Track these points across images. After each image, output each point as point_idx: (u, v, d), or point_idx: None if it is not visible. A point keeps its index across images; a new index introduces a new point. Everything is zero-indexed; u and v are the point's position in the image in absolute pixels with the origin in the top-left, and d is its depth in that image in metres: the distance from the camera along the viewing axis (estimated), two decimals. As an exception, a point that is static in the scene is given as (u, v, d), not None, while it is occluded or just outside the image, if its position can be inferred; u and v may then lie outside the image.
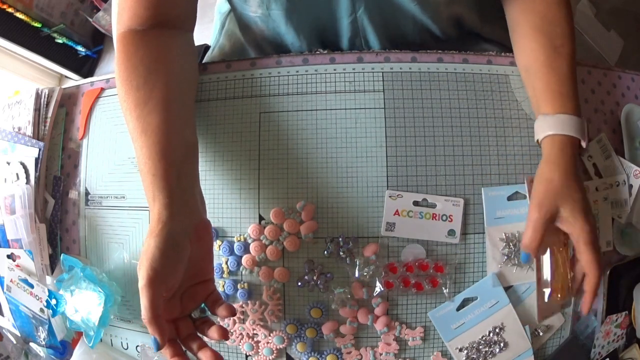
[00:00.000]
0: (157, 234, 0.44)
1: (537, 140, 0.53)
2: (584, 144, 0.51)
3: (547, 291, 0.53)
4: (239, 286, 0.55)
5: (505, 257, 0.53)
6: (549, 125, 0.51)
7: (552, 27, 0.53)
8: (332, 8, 0.58)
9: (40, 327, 0.62)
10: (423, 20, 0.59)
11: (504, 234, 0.53)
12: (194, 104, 0.55)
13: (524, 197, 0.54)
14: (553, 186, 0.50)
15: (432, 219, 0.53)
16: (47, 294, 0.59)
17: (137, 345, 0.60)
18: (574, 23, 0.54)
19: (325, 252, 0.54)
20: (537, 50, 0.53)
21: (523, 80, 0.55)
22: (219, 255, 0.56)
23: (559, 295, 0.52)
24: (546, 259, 0.53)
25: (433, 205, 0.53)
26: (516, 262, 0.53)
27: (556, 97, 0.52)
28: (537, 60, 0.53)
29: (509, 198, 0.54)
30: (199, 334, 0.48)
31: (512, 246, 0.53)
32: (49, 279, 0.60)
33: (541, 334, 0.54)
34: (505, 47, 0.68)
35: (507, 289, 0.54)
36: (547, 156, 0.51)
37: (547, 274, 0.53)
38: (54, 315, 0.59)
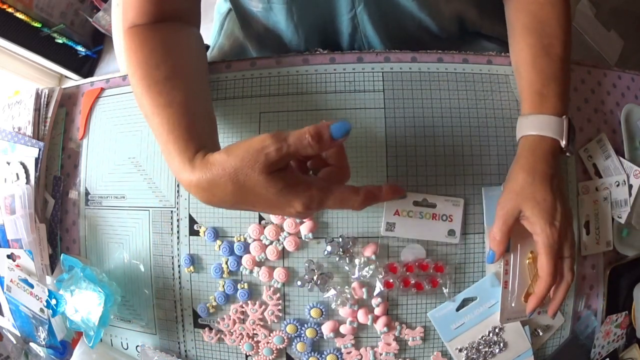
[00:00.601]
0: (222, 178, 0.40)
1: (517, 141, 0.52)
2: (562, 143, 0.49)
3: (510, 296, 0.52)
4: (239, 286, 0.55)
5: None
6: (522, 126, 0.51)
7: (541, 26, 0.52)
8: (333, 4, 0.58)
9: (40, 327, 0.62)
10: (422, 18, 0.59)
11: None
12: (209, 83, 0.55)
13: None
14: (516, 186, 0.49)
15: (432, 219, 0.53)
16: (47, 294, 0.59)
17: (137, 345, 0.60)
18: (569, 24, 0.54)
19: (325, 252, 0.54)
20: (524, 50, 0.53)
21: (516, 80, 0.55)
22: (219, 255, 0.56)
23: (524, 301, 0.51)
24: (515, 262, 0.52)
25: (433, 205, 0.53)
26: None
27: (535, 98, 0.51)
28: (523, 59, 0.53)
29: None
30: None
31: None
32: (49, 279, 0.60)
33: (541, 333, 0.54)
34: (505, 43, 0.68)
35: (470, 301, 0.54)
36: (516, 156, 0.51)
37: (511, 278, 0.52)
38: (54, 315, 0.59)
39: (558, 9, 0.53)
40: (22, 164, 0.62)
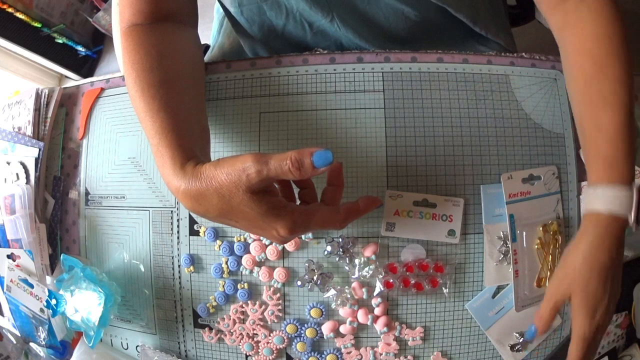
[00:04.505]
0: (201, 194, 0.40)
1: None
2: (630, 220, 0.45)
3: (524, 282, 0.52)
4: (239, 286, 0.55)
5: (502, 255, 0.53)
6: (591, 200, 0.46)
7: (600, 71, 0.46)
8: (306, 10, 0.58)
9: (40, 327, 0.62)
10: (404, 10, 0.58)
11: (501, 232, 0.54)
12: (205, 92, 0.55)
13: None
14: (573, 271, 0.46)
15: (432, 219, 0.53)
16: (47, 294, 0.59)
17: (137, 345, 0.60)
18: (630, 62, 0.47)
19: (325, 252, 0.54)
20: (584, 104, 0.47)
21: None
22: (219, 255, 0.56)
23: (535, 286, 0.53)
24: (524, 250, 0.53)
25: (433, 205, 0.53)
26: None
27: (599, 163, 0.46)
28: (584, 115, 0.47)
29: None
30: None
31: (508, 244, 0.53)
32: (49, 279, 0.60)
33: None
34: (501, 46, 0.68)
35: (503, 287, 0.54)
36: (581, 234, 0.47)
37: (524, 265, 0.53)
38: (54, 315, 0.59)
39: (617, 47, 0.47)
40: (22, 164, 0.62)
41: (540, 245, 0.52)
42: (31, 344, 0.65)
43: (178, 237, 0.57)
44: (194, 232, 0.56)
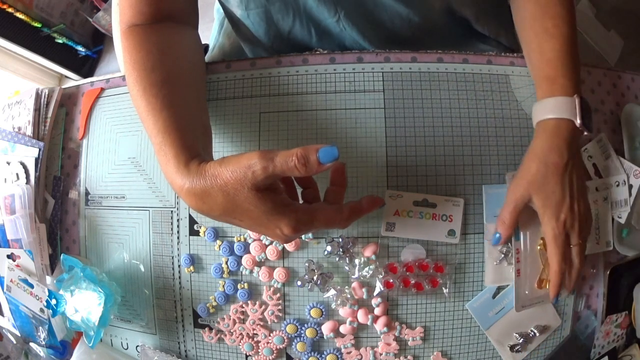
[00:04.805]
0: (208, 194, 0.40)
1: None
2: (577, 122, 0.49)
3: (525, 282, 0.53)
4: (239, 286, 0.55)
5: (502, 255, 0.53)
6: (536, 112, 0.51)
7: (544, 9, 0.52)
8: (314, 10, 0.58)
9: (40, 327, 0.62)
10: (409, 15, 0.59)
11: None
12: (206, 92, 0.55)
13: None
14: (527, 174, 0.50)
15: (432, 219, 0.53)
16: (47, 294, 0.59)
17: (137, 345, 0.60)
18: (571, 3, 0.53)
19: (325, 252, 0.54)
20: (531, 39, 0.53)
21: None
22: (219, 255, 0.56)
23: (536, 287, 0.53)
24: (526, 249, 0.53)
25: (433, 205, 0.53)
26: (512, 261, 0.53)
27: (544, 83, 0.51)
28: (532, 48, 0.53)
29: None
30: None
31: (509, 245, 0.53)
32: (49, 279, 0.60)
33: (537, 334, 0.54)
34: (502, 45, 0.68)
35: (504, 287, 0.54)
36: (532, 142, 0.51)
37: (524, 266, 0.53)
38: (54, 315, 0.59)
39: None
40: (22, 164, 0.62)
41: (542, 246, 0.52)
42: (31, 344, 0.65)
43: (178, 237, 0.57)
44: (194, 232, 0.56)
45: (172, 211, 0.57)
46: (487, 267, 0.54)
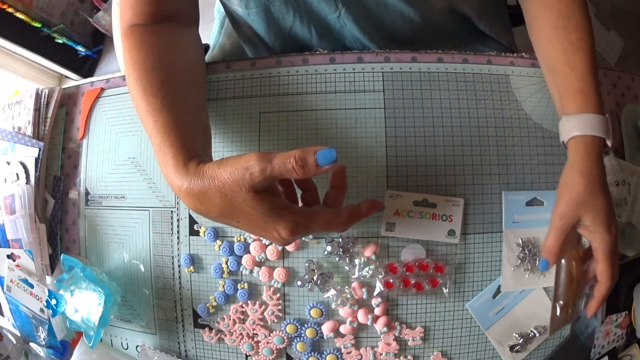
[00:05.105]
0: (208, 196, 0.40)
1: (563, 142, 0.51)
2: (609, 143, 0.49)
3: (558, 305, 0.51)
4: (239, 286, 0.55)
5: (519, 261, 0.53)
6: (573, 126, 0.49)
7: (567, 21, 0.52)
8: (314, 7, 0.58)
9: (40, 327, 0.62)
10: (410, 14, 0.59)
11: (520, 239, 0.53)
12: (206, 92, 0.55)
13: (542, 203, 0.54)
14: (576, 194, 0.48)
15: (432, 219, 0.53)
16: (47, 294, 0.59)
17: (137, 345, 0.60)
18: (588, 11, 0.53)
19: (325, 252, 0.54)
20: (556, 49, 0.52)
21: (545, 78, 0.55)
22: (219, 255, 0.56)
23: (569, 310, 0.51)
24: (561, 272, 0.51)
25: (433, 205, 0.53)
26: (529, 267, 0.53)
27: (578, 97, 0.50)
28: (556, 59, 0.52)
29: (528, 203, 0.54)
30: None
31: (527, 251, 0.53)
32: (49, 279, 0.60)
33: (537, 334, 0.54)
34: (502, 46, 0.68)
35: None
36: (571, 160, 0.49)
37: (561, 287, 0.51)
38: (54, 315, 0.59)
39: (579, 1, 0.52)
40: (22, 164, 0.62)
41: (575, 266, 0.50)
42: (31, 344, 0.65)
43: (178, 237, 0.57)
44: (194, 232, 0.56)
45: (172, 211, 0.57)
46: (504, 273, 0.54)
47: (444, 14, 0.61)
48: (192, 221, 0.56)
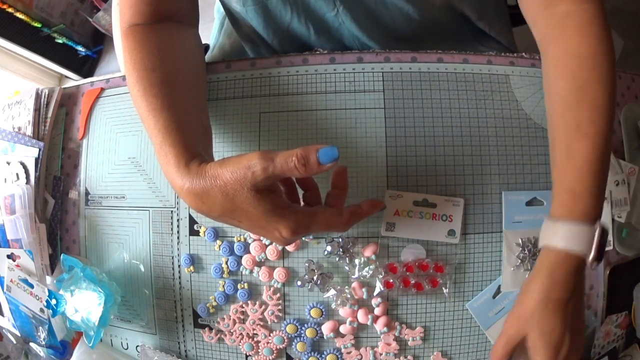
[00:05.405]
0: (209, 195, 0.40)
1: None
2: (588, 260, 0.42)
3: None
4: (239, 286, 0.55)
5: (519, 261, 0.53)
6: (547, 233, 0.44)
7: (580, 94, 0.43)
8: (312, 5, 0.58)
9: (40, 327, 0.62)
10: (409, 10, 0.58)
11: (520, 239, 0.53)
12: (206, 92, 0.55)
13: (542, 203, 0.54)
14: (525, 309, 0.44)
15: (432, 219, 0.53)
16: (47, 294, 0.59)
17: (137, 345, 0.60)
18: (614, 87, 0.44)
19: (325, 252, 0.54)
20: (558, 127, 0.45)
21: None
22: (219, 255, 0.56)
23: None
24: None
25: (433, 205, 0.53)
26: (529, 267, 0.53)
27: (565, 197, 0.44)
28: (558, 139, 0.45)
29: (528, 203, 0.54)
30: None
31: (526, 251, 0.53)
32: (49, 279, 0.60)
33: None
34: (503, 46, 0.68)
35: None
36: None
37: None
38: (54, 315, 0.59)
39: (601, 70, 0.44)
40: (22, 164, 0.62)
41: None
42: (31, 344, 0.65)
43: (178, 237, 0.57)
44: (194, 232, 0.56)
45: (172, 211, 0.57)
46: (504, 273, 0.54)
47: (443, 12, 0.61)
48: (192, 221, 0.56)
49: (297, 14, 0.59)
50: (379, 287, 0.53)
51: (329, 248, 0.53)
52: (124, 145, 0.60)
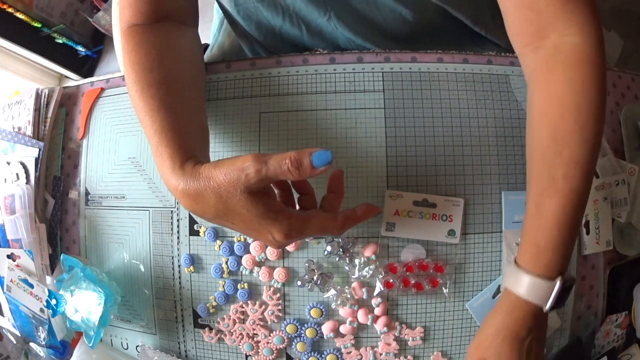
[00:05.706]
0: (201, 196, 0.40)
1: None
2: (544, 309, 0.44)
3: None
4: (239, 286, 0.55)
5: None
6: (509, 278, 0.46)
7: (558, 147, 0.42)
8: (303, 9, 0.58)
9: (40, 327, 0.62)
10: (402, 11, 0.58)
11: (520, 239, 0.53)
12: (205, 92, 0.55)
13: None
14: (484, 340, 0.46)
15: (432, 219, 0.53)
16: (47, 294, 0.59)
17: (137, 345, 0.60)
18: (598, 137, 0.42)
19: (325, 252, 0.54)
20: (534, 178, 0.44)
21: None
22: (219, 255, 0.56)
23: None
24: None
25: (433, 205, 0.53)
26: None
27: (529, 249, 0.44)
28: (533, 191, 0.44)
29: None
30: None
31: None
32: (49, 279, 0.60)
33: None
34: (502, 48, 0.68)
35: None
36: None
37: None
38: (54, 315, 0.59)
39: (582, 123, 0.41)
40: (22, 164, 0.62)
41: None
42: (31, 344, 0.65)
43: (178, 237, 0.57)
44: (194, 232, 0.56)
45: (172, 211, 0.57)
46: (504, 272, 0.53)
47: (437, 15, 0.60)
48: (192, 221, 0.57)
49: (289, 17, 0.59)
50: (379, 287, 0.53)
51: (329, 248, 0.53)
52: (124, 145, 0.60)
